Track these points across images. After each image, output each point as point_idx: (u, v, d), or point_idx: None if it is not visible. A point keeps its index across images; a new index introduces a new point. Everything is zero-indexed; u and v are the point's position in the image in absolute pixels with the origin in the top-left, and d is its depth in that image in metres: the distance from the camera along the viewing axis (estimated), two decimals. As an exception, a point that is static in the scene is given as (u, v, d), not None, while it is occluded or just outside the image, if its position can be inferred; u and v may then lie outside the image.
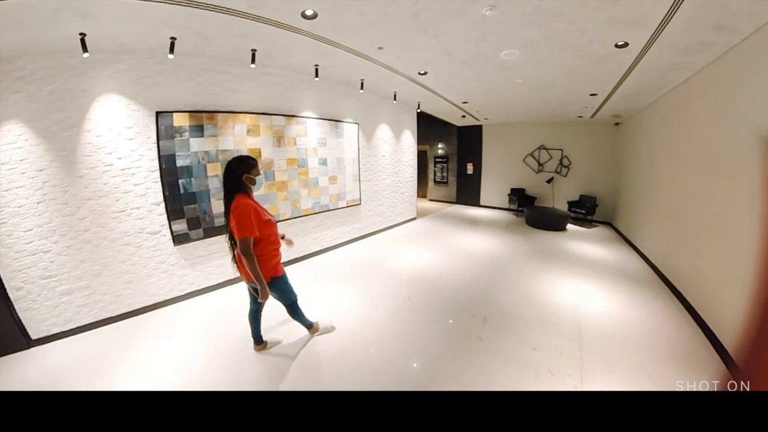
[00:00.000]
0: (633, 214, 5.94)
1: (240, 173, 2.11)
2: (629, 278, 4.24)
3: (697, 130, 3.47)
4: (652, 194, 4.87)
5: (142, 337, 2.82)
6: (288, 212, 4.59)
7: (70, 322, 2.83)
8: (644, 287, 3.95)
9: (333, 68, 4.25)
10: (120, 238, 2.98)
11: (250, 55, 3.29)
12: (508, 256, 5.13)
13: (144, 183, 3.08)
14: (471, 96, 5.78)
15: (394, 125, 6.73)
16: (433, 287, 3.97)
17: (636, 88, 4.49)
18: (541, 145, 8.65)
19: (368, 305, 3.50)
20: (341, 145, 5.41)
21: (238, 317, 3.03)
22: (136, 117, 3.00)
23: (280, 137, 4.31)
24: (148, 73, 3.03)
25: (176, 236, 3.36)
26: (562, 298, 3.60)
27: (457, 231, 6.89)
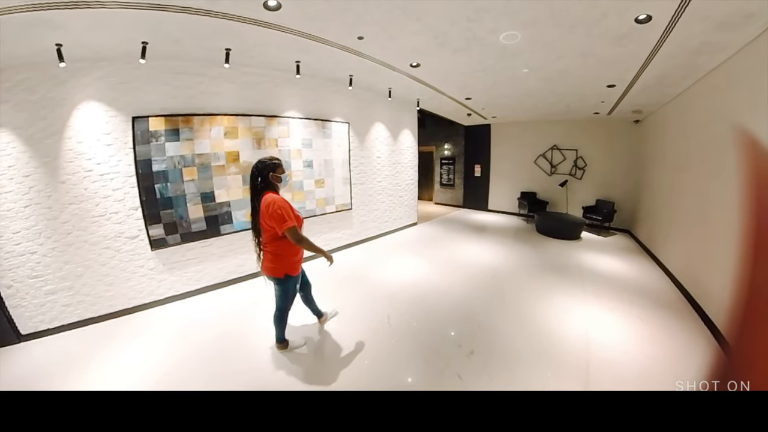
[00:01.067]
0: (656, 223, 5.35)
1: (266, 173, 2.25)
2: (651, 300, 3.67)
3: (735, 124, 2.94)
4: (679, 201, 4.31)
5: (118, 340, 2.89)
6: None
7: (55, 320, 3.00)
8: (668, 312, 3.39)
9: (316, 64, 4.00)
10: (100, 241, 3.09)
11: (228, 55, 3.23)
12: (512, 271, 4.62)
13: (122, 188, 3.15)
14: (474, 91, 5.34)
15: (391, 124, 6.36)
16: (418, 307, 3.53)
17: (660, 78, 3.96)
18: (554, 145, 8.11)
19: (340, 324, 3.13)
20: (329, 146, 5.10)
21: (213, 325, 3.10)
22: (114, 123, 3.08)
23: (260, 139, 4.11)
24: (126, 78, 3.11)
25: (153, 241, 3.36)
26: (569, 328, 3.08)
27: (460, 238, 6.42)
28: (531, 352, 2.68)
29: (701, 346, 2.75)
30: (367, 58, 3.76)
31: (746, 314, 0.55)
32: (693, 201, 3.84)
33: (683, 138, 4.32)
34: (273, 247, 2.29)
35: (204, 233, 3.69)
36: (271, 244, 2.29)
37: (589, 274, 4.48)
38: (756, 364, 0.54)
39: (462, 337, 2.93)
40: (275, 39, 3.05)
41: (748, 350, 0.56)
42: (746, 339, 0.56)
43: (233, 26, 2.69)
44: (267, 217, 2.18)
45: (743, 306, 0.55)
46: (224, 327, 3.08)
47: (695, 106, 3.97)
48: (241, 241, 4.01)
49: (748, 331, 0.56)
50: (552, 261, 5.02)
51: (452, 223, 8.00)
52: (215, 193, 3.74)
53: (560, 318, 3.25)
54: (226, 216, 3.87)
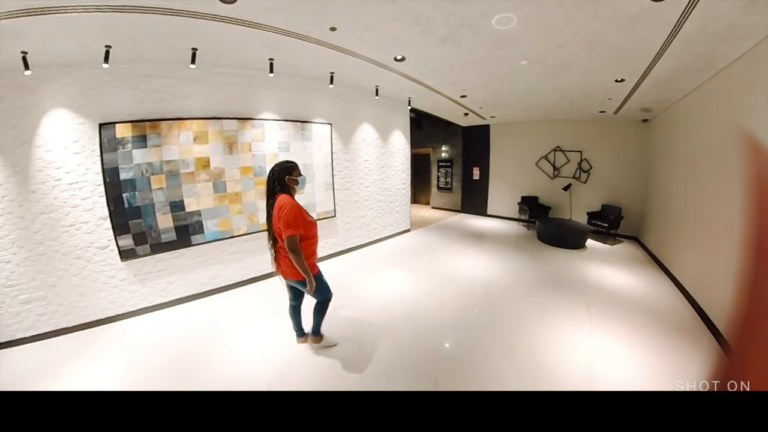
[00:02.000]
0: (666, 231, 4.92)
1: (282, 176, 2.32)
2: (664, 323, 3.24)
3: (758, 123, 2.56)
4: (692, 208, 3.91)
5: (89, 352, 2.84)
6: (243, 227, 4.08)
7: (31, 329, 2.99)
8: (683, 337, 2.96)
9: (291, 61, 3.73)
10: (71, 251, 3.06)
11: (194, 55, 3.10)
12: (509, 287, 4.19)
13: (91, 197, 3.10)
14: (469, 87, 4.94)
15: (380, 125, 5.98)
16: (396, 331, 3.12)
17: (674, 71, 3.55)
18: (557, 147, 7.69)
19: (305, 351, 2.76)
20: (309, 149, 4.76)
21: (179, 341, 2.99)
22: (82, 130, 3.02)
23: (232, 143, 3.88)
24: (93, 84, 3.04)
25: (123, 251, 3.28)
26: (570, 360, 2.65)
27: (455, 247, 6.00)
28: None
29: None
30: (346, 52, 3.45)
31: (748, 317, 0.55)
32: (709, 209, 3.44)
33: (698, 139, 3.92)
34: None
35: (174, 244, 3.52)
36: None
37: (595, 290, 4.04)
38: (756, 364, 0.53)
39: (441, 370, 2.53)
40: (240, 35, 2.84)
41: (748, 351, 0.55)
42: (748, 340, 0.55)
43: (193, 23, 2.54)
44: (277, 221, 2.23)
45: (745, 308, 0.54)
46: (190, 344, 2.92)
47: (712, 104, 3.58)
48: (214, 252, 3.80)
49: (750, 332, 0.55)
50: (554, 275, 4.59)
51: (448, 229, 7.58)
52: (185, 202, 3.55)
53: (561, 348, 2.82)
54: (197, 226, 3.66)
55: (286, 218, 2.17)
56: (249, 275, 4.18)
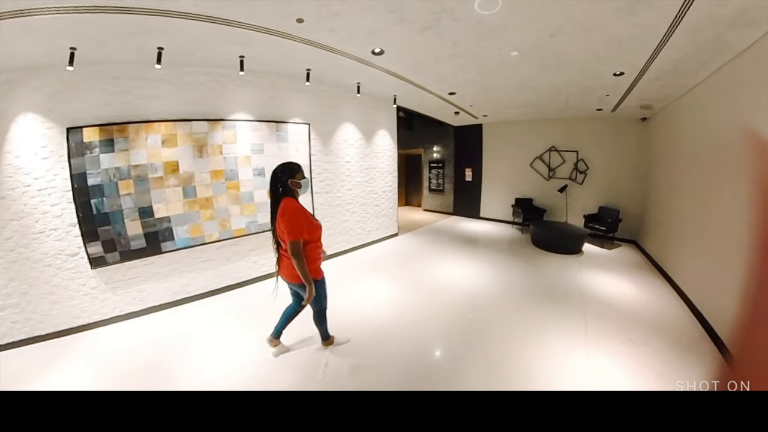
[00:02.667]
0: (667, 235, 4.65)
1: (285, 179, 2.26)
2: (666, 338, 2.95)
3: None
4: (697, 211, 3.62)
5: (61, 361, 2.77)
6: (215, 233, 3.89)
7: (6, 336, 2.93)
8: (688, 354, 2.68)
9: (264, 58, 3.56)
10: (42, 259, 3.01)
11: (160, 55, 2.99)
12: (499, 298, 3.87)
13: (59, 203, 3.03)
14: (457, 84, 4.62)
15: (363, 124, 5.66)
16: (365, 351, 2.80)
17: (678, 62, 3.26)
18: (552, 147, 7.40)
19: (271, 372, 2.52)
20: (285, 150, 4.48)
21: (145, 353, 2.88)
22: (50, 135, 2.96)
23: (202, 146, 3.71)
24: (61, 87, 2.97)
25: (93, 259, 3.19)
26: (563, 387, 2.34)
27: (443, 253, 5.68)
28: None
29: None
30: (318, 46, 3.20)
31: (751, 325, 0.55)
32: (714, 212, 3.17)
33: (702, 137, 3.65)
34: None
35: (144, 251, 3.43)
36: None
37: (592, 301, 3.73)
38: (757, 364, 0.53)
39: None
40: (205, 32, 2.71)
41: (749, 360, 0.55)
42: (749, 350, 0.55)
43: (154, 21, 2.44)
44: (281, 224, 2.20)
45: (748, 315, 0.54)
46: (157, 356, 2.80)
47: (717, 99, 3.31)
48: (186, 260, 3.68)
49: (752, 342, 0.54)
50: (548, 284, 4.27)
51: (439, 233, 7.25)
52: (154, 208, 3.44)
53: (554, 371, 2.51)
54: (167, 232, 3.54)
55: (288, 224, 2.15)
56: (223, 283, 4.01)
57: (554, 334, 3.03)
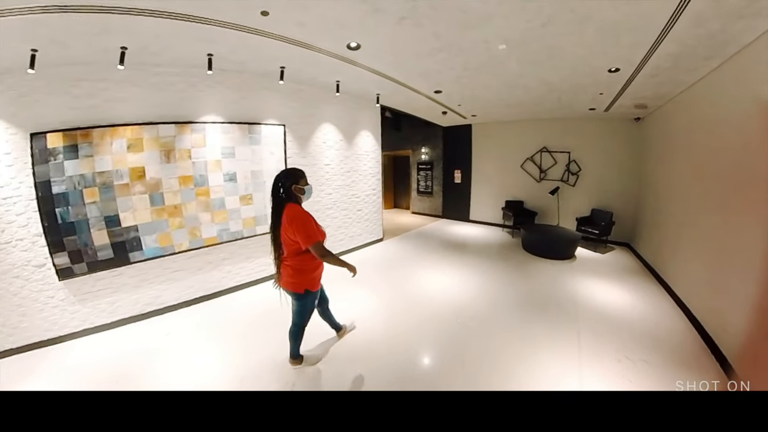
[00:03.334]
0: (662, 239, 4.48)
1: (289, 184, 2.21)
2: (665, 354, 2.74)
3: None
4: (695, 215, 3.45)
5: (28, 377, 2.65)
6: (185, 242, 3.68)
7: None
8: (690, 372, 2.46)
9: (234, 56, 3.35)
10: (9, 270, 2.90)
11: (123, 55, 2.87)
12: (486, 311, 3.59)
13: (25, 212, 2.92)
14: (442, 81, 4.35)
15: (345, 125, 5.35)
16: (333, 373, 2.54)
17: (678, 57, 3.05)
18: (543, 147, 7.20)
19: (242, 388, 2.25)
20: (258, 154, 4.19)
21: (110, 368, 2.76)
22: (14, 141, 2.84)
23: (170, 151, 3.51)
24: (26, 91, 2.85)
25: (60, 270, 3.06)
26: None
27: (429, 260, 5.39)
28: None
29: None
30: (289, 41, 2.97)
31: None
32: (714, 218, 3.02)
33: (701, 138, 3.45)
34: (295, 262, 2.25)
35: (112, 262, 3.29)
36: (293, 259, 2.24)
37: (586, 313, 3.49)
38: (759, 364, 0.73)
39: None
40: (167, 29, 2.55)
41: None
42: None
43: (114, 20, 2.32)
44: (291, 232, 2.14)
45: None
46: (125, 370, 2.70)
47: (719, 97, 3.12)
48: (156, 270, 3.53)
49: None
50: (539, 293, 4.02)
51: (426, 238, 6.97)
52: (120, 217, 3.30)
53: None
54: (135, 242, 3.39)
55: (304, 230, 2.11)
56: (196, 294, 3.82)
57: (546, 353, 2.77)
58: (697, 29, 2.46)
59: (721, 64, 3.04)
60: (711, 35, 2.54)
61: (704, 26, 2.40)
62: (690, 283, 3.47)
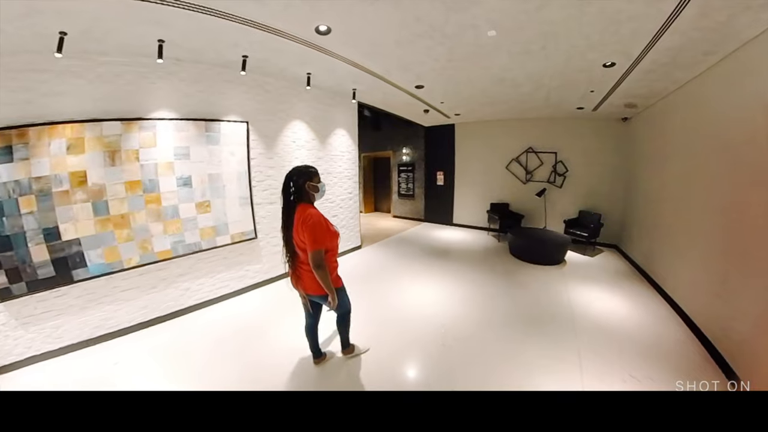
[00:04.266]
0: (655, 243, 4.39)
1: (301, 183, 2.15)
2: (671, 369, 2.59)
3: None
4: (692, 219, 3.37)
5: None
6: (135, 257, 3.27)
7: None
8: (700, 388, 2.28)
9: (188, 43, 2.97)
10: None
11: (62, 41, 2.51)
12: (474, 329, 3.28)
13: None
14: (424, 74, 4.04)
15: (317, 122, 4.95)
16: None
17: (677, 52, 2.90)
18: (529, 148, 7.06)
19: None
20: (216, 154, 3.74)
21: None
22: None
23: (115, 151, 3.11)
24: None
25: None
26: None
27: (411, 270, 5.07)
28: None
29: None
30: (250, 24, 2.61)
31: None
32: (713, 220, 2.95)
33: (697, 138, 3.36)
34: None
35: (53, 280, 2.92)
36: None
37: (585, 326, 3.28)
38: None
39: None
40: (109, 9, 2.26)
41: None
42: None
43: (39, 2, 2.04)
44: (302, 233, 2.08)
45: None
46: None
47: (715, 96, 3.07)
48: (103, 289, 3.12)
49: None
50: (532, 306, 3.78)
51: (407, 244, 6.66)
52: (60, 229, 2.93)
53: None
54: (78, 258, 3.01)
55: (312, 233, 2.04)
56: (151, 315, 3.41)
57: (544, 379, 2.50)
58: (703, 20, 2.31)
59: (720, 60, 2.95)
60: (715, 27, 2.40)
61: (710, 16, 2.25)
62: (689, 289, 3.37)
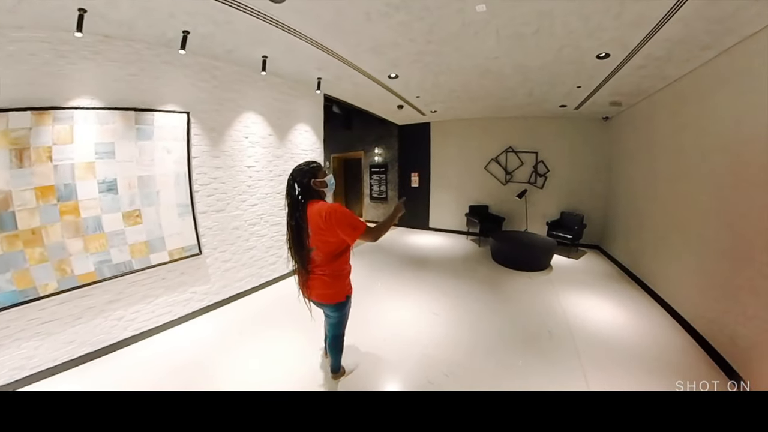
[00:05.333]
0: (645, 244, 4.35)
1: (306, 181, 2.00)
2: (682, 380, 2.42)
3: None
4: (687, 220, 3.33)
5: None
6: (53, 282, 2.64)
7: None
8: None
9: (115, 13, 2.43)
10: None
11: None
12: (462, 357, 2.84)
13: None
14: (399, 60, 3.59)
15: (276, 115, 4.34)
16: None
17: (678, 43, 2.74)
18: (509, 147, 6.88)
19: None
20: (148, 152, 3.09)
21: None
22: None
23: (23, 150, 2.51)
24: None
25: None
26: None
27: (386, 283, 4.60)
28: None
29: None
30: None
31: None
32: (713, 223, 2.87)
33: (691, 137, 3.29)
34: (331, 269, 2.00)
35: None
36: (329, 266, 1.99)
37: (586, 342, 3.03)
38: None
39: None
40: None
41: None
42: None
43: None
44: (329, 230, 1.86)
45: None
46: None
47: (711, 94, 3.00)
48: (18, 323, 2.54)
49: None
50: (525, 321, 3.44)
51: (381, 252, 6.18)
52: None
53: None
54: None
55: (346, 221, 1.84)
56: (80, 351, 2.81)
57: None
58: (710, 9, 2.16)
59: (713, 58, 2.89)
60: (720, 19, 2.27)
61: (719, 5, 2.11)
62: (684, 291, 3.31)
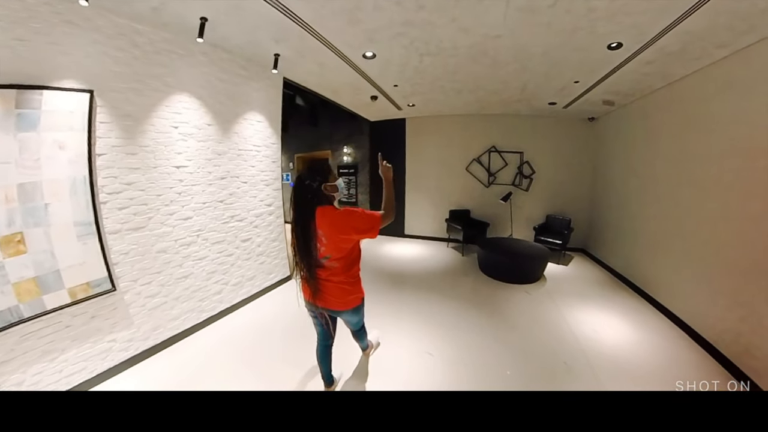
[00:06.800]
0: (638, 248, 4.37)
1: (317, 184, 1.83)
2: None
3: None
4: (687, 225, 3.34)
5: None
6: None
7: None
8: None
9: None
10: None
11: None
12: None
13: None
14: (378, 31, 2.91)
15: (218, 99, 3.43)
16: None
17: (696, 35, 2.57)
18: (492, 147, 6.50)
19: None
20: (28, 147, 2.15)
21: None
22: None
23: None
24: None
25: None
26: None
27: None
28: None
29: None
30: None
31: None
32: (722, 229, 2.85)
33: (695, 140, 3.31)
34: (349, 275, 1.92)
35: None
36: (346, 273, 1.89)
37: (604, 369, 2.65)
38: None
39: None
40: None
41: None
42: None
43: None
44: (345, 236, 1.78)
45: None
46: None
47: (714, 96, 2.99)
48: None
49: None
50: (534, 351, 2.94)
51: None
52: None
53: None
54: None
55: (363, 220, 1.75)
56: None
57: None
58: (742, 3, 2.02)
59: (725, 57, 2.81)
60: (747, 15, 2.15)
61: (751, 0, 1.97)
62: (692, 301, 3.22)
